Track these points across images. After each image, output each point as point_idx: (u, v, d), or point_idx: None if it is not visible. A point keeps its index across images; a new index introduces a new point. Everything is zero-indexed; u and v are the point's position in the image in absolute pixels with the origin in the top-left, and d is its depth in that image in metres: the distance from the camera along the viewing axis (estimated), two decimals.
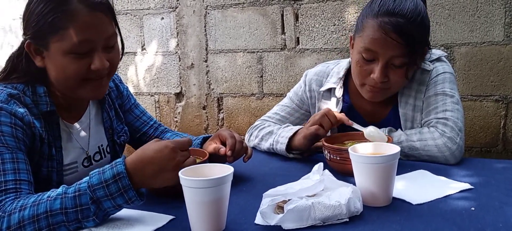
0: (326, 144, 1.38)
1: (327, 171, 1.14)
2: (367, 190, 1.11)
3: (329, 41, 2.78)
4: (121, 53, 1.33)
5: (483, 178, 1.29)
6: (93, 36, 1.19)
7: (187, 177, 1.00)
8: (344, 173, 1.30)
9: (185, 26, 3.17)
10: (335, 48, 2.78)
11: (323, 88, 1.67)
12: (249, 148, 1.41)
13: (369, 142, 1.34)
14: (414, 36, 1.41)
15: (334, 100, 1.65)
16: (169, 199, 1.20)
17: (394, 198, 1.14)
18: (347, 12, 2.71)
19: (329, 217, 1.01)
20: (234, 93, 3.12)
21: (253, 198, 1.17)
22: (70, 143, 1.33)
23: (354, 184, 1.13)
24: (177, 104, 3.33)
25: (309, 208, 1.00)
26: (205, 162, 1.23)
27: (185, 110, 3.31)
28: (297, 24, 2.85)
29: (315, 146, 1.54)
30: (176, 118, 3.35)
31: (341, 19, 2.73)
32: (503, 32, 2.40)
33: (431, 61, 1.58)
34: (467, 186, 1.22)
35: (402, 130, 1.53)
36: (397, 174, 1.14)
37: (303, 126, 1.55)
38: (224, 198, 1.01)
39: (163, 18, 3.23)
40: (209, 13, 3.07)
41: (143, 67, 3.37)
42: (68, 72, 1.20)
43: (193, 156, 1.13)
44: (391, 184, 1.12)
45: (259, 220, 1.05)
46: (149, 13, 3.26)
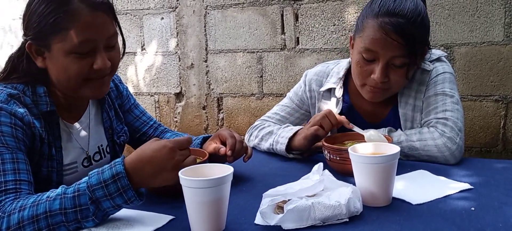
0: (326, 144, 1.38)
1: (327, 171, 1.14)
2: (367, 190, 1.11)
3: (329, 41, 2.78)
4: (122, 53, 1.33)
5: (483, 178, 1.29)
6: (95, 36, 1.20)
7: (187, 177, 1.00)
8: (344, 173, 1.30)
9: (185, 26, 3.17)
10: (335, 48, 2.78)
11: (323, 89, 1.67)
12: (249, 148, 1.41)
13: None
14: (414, 36, 1.41)
15: (334, 101, 1.65)
16: (169, 199, 1.20)
17: (394, 198, 1.14)
18: (347, 12, 2.71)
19: (329, 217, 1.01)
20: (234, 94, 3.12)
21: (253, 198, 1.17)
22: (70, 143, 1.33)
23: (354, 184, 1.13)
24: (177, 104, 3.33)
25: (309, 208, 1.00)
26: (205, 162, 1.23)
27: (185, 111, 3.31)
28: (297, 24, 2.85)
29: (315, 146, 1.54)
30: (176, 118, 3.35)
31: (341, 19, 2.73)
32: (503, 32, 2.40)
33: (431, 61, 1.58)
34: (467, 186, 1.22)
35: (402, 130, 1.53)
36: (397, 174, 1.14)
37: (303, 126, 1.55)
38: (224, 198, 1.01)
39: (163, 18, 3.23)
40: (209, 13, 3.07)
41: (143, 67, 3.37)
42: (70, 72, 1.21)
43: (193, 155, 1.13)
44: (391, 184, 1.12)
45: (259, 220, 1.05)
46: (149, 13, 3.26)
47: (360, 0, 2.66)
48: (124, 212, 1.11)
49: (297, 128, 1.55)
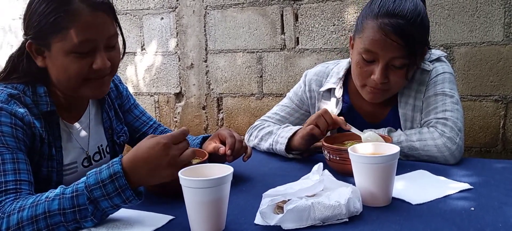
0: (325, 144, 1.38)
1: (326, 171, 1.14)
2: (366, 190, 1.11)
3: (328, 41, 2.78)
4: (122, 53, 1.33)
5: (483, 178, 1.29)
6: (95, 36, 1.20)
7: (187, 177, 1.00)
8: (343, 173, 1.30)
9: (185, 26, 3.17)
10: (335, 48, 2.78)
11: (323, 89, 1.67)
12: (248, 147, 1.41)
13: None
14: (414, 37, 1.41)
15: (333, 101, 1.65)
16: (169, 199, 1.20)
17: (393, 198, 1.14)
18: (346, 12, 2.71)
19: (329, 217, 1.01)
20: (233, 94, 3.12)
21: (253, 198, 1.17)
22: (70, 143, 1.33)
23: (353, 184, 1.13)
24: (176, 104, 3.33)
25: (309, 208, 1.01)
26: (204, 162, 1.23)
27: (185, 111, 3.31)
28: (297, 24, 2.85)
29: (314, 146, 1.54)
30: (175, 118, 3.35)
31: (341, 19, 2.73)
32: (502, 32, 2.40)
33: (430, 62, 1.58)
34: (466, 186, 1.22)
35: (401, 130, 1.53)
36: (396, 174, 1.14)
37: (302, 126, 1.55)
38: (223, 198, 1.01)
39: (162, 18, 3.23)
40: (208, 13, 3.07)
41: (142, 67, 3.37)
42: (70, 72, 1.21)
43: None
44: (390, 184, 1.12)
45: (258, 220, 1.05)
46: (148, 13, 3.26)
47: (360, 0, 2.66)
48: (123, 212, 1.10)
49: (297, 127, 1.55)
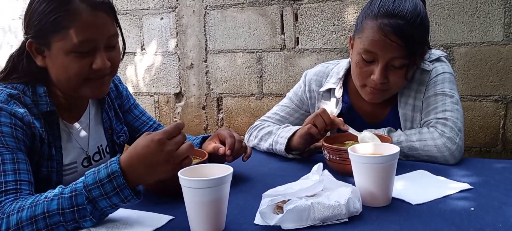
0: (325, 144, 1.38)
1: (326, 171, 1.14)
2: (366, 190, 1.11)
3: (328, 41, 2.78)
4: (122, 53, 1.33)
5: (483, 178, 1.29)
6: (95, 36, 1.20)
7: (186, 177, 1.00)
8: (343, 173, 1.30)
9: (185, 26, 3.17)
10: (335, 48, 2.78)
11: (323, 89, 1.67)
12: (248, 147, 1.41)
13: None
14: (413, 37, 1.41)
15: (333, 101, 1.65)
16: (168, 199, 1.20)
17: (393, 198, 1.14)
18: (346, 12, 2.71)
19: (329, 217, 1.01)
20: (233, 94, 3.12)
21: (253, 198, 1.17)
22: (70, 143, 1.33)
23: (353, 184, 1.13)
24: (176, 104, 3.33)
25: (309, 208, 1.00)
26: (204, 162, 1.23)
27: (185, 111, 3.31)
28: (297, 24, 2.85)
29: (314, 146, 1.54)
30: (175, 118, 3.35)
31: (341, 19, 2.73)
32: (502, 32, 2.40)
33: (430, 62, 1.58)
34: (466, 186, 1.22)
35: (401, 130, 1.53)
36: (396, 174, 1.14)
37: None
38: (223, 198, 1.01)
39: (162, 18, 3.23)
40: (208, 13, 3.07)
41: (142, 67, 3.37)
42: (70, 71, 1.21)
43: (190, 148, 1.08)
44: (390, 184, 1.12)
45: (258, 220, 1.05)
46: (148, 13, 3.26)
47: (360, 0, 2.66)
48: (123, 212, 1.10)
49: (296, 127, 1.55)
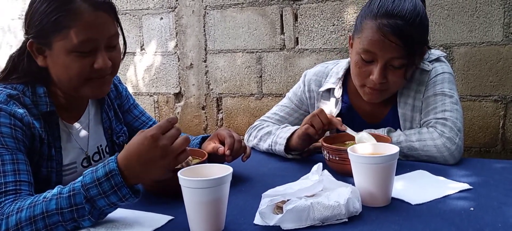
0: (325, 144, 1.38)
1: (326, 171, 1.14)
2: (366, 190, 1.11)
3: (328, 41, 2.78)
4: (123, 53, 1.33)
5: (482, 178, 1.29)
6: (96, 35, 1.20)
7: (186, 177, 1.00)
8: (343, 173, 1.30)
9: (184, 26, 3.17)
10: (334, 48, 2.78)
11: (322, 89, 1.67)
12: (247, 147, 1.41)
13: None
14: (413, 38, 1.41)
15: (333, 101, 1.65)
16: (168, 199, 1.19)
17: (393, 198, 1.14)
18: (346, 12, 2.71)
19: (328, 217, 1.01)
20: (233, 94, 3.12)
21: (252, 198, 1.17)
22: (69, 143, 1.33)
23: (353, 184, 1.13)
24: (176, 104, 3.33)
25: (308, 208, 1.00)
26: (204, 162, 1.23)
27: (184, 111, 3.31)
28: (296, 24, 2.85)
29: (314, 146, 1.54)
30: None
31: (340, 19, 2.73)
32: (502, 33, 2.40)
33: (430, 62, 1.58)
34: (466, 186, 1.22)
35: (401, 130, 1.53)
36: (396, 174, 1.14)
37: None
38: (223, 198, 1.01)
39: (162, 18, 3.23)
40: (208, 13, 3.07)
41: (142, 68, 3.37)
42: (71, 71, 1.21)
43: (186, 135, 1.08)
44: (390, 184, 1.12)
45: (258, 221, 1.05)
46: (148, 13, 3.26)
47: (359, 0, 2.66)
48: (123, 212, 1.10)
49: (295, 128, 1.55)
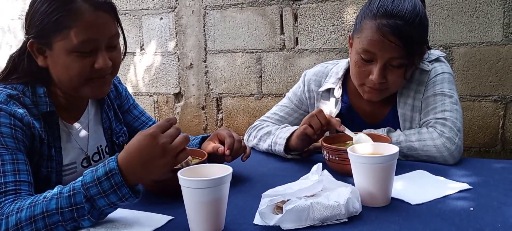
0: (324, 144, 1.38)
1: (326, 171, 1.14)
2: (365, 190, 1.11)
3: (328, 42, 2.78)
4: (123, 53, 1.33)
5: (482, 178, 1.29)
6: (97, 36, 1.20)
7: (186, 177, 1.00)
8: (343, 173, 1.30)
9: (184, 26, 3.17)
10: (334, 49, 2.78)
11: (322, 89, 1.67)
12: (247, 147, 1.41)
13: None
14: (412, 38, 1.41)
15: (333, 101, 1.65)
16: (168, 199, 1.20)
17: (393, 198, 1.14)
18: (346, 12, 2.71)
19: (328, 217, 1.01)
20: (233, 94, 3.12)
21: (252, 198, 1.17)
22: (69, 143, 1.33)
23: (353, 184, 1.13)
24: (176, 104, 3.33)
25: (308, 208, 1.00)
26: (204, 162, 1.23)
27: (184, 111, 3.31)
28: (296, 25, 2.85)
29: (313, 146, 1.54)
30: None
31: (340, 19, 2.73)
32: (501, 33, 2.40)
33: (429, 62, 1.58)
34: (465, 186, 1.22)
35: (400, 130, 1.53)
36: (396, 174, 1.14)
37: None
38: (222, 198, 1.01)
39: (162, 18, 3.23)
40: (208, 13, 3.07)
41: (142, 68, 3.37)
42: (71, 71, 1.21)
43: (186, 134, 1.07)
44: (390, 184, 1.12)
45: (258, 221, 1.05)
46: (148, 13, 3.26)
47: (359, 0, 2.66)
48: (123, 213, 1.10)
49: (294, 128, 1.54)
